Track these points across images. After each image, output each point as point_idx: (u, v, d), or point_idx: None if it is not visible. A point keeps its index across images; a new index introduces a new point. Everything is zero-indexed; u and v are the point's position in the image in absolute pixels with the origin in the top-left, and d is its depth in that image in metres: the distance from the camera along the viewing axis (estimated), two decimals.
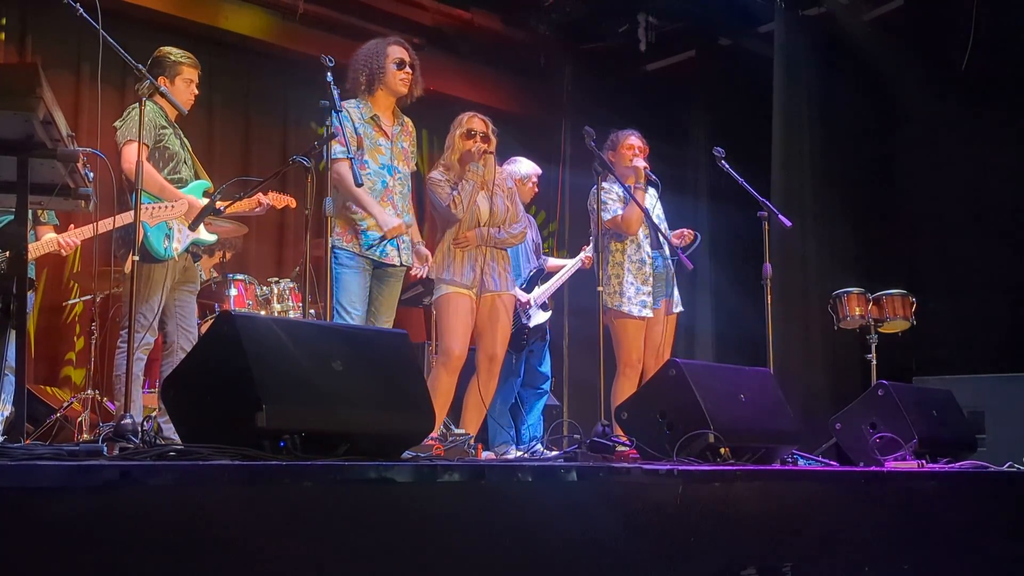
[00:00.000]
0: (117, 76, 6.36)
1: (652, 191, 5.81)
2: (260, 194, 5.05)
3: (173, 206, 4.56)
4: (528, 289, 5.83)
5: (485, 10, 8.11)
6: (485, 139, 5.12)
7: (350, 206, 4.69)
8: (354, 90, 4.89)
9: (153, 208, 4.52)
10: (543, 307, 5.94)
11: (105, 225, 4.44)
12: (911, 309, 6.13)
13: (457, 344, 4.95)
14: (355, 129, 4.71)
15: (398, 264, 4.82)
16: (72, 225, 4.94)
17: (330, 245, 4.28)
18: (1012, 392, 5.99)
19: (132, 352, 4.06)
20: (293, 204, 5.37)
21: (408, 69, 4.89)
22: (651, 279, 5.57)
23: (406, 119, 5.00)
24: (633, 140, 5.67)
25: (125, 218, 4.48)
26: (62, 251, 4.80)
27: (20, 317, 2.91)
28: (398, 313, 5.23)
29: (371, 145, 4.79)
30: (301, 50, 7.26)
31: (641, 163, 5.53)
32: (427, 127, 8.31)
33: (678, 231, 5.67)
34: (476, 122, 5.16)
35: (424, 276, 5.13)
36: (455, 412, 5.38)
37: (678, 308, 5.72)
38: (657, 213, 5.73)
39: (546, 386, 6.09)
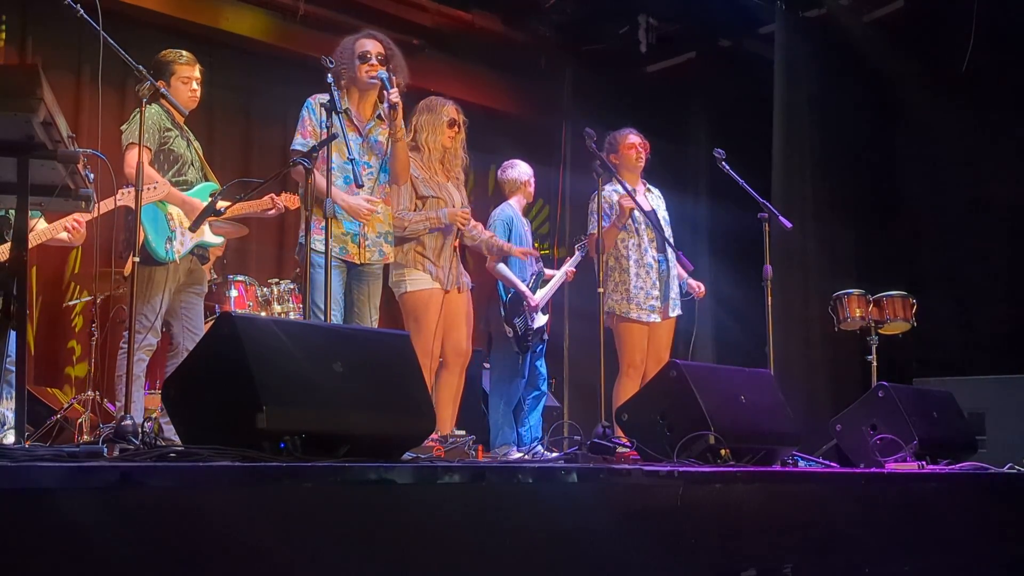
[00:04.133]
0: (118, 77, 6.36)
1: (658, 192, 5.86)
2: (273, 195, 5.02)
3: (155, 187, 4.49)
4: (533, 291, 5.86)
5: (485, 11, 8.10)
6: (460, 128, 5.26)
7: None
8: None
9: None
10: (542, 310, 5.97)
11: (106, 205, 4.37)
12: (911, 310, 6.13)
13: (436, 343, 5.02)
14: (320, 124, 4.64)
15: (357, 262, 4.70)
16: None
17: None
18: (1012, 393, 5.99)
19: (132, 353, 4.06)
20: None
21: (374, 61, 4.76)
22: (658, 283, 5.60)
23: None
24: (632, 138, 5.72)
25: (110, 204, 4.37)
26: (72, 237, 4.69)
27: (20, 317, 2.91)
28: (399, 313, 5.23)
29: (339, 139, 4.72)
30: (302, 51, 7.26)
31: (628, 203, 5.47)
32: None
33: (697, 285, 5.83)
34: (455, 111, 5.24)
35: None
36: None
37: (676, 312, 5.74)
38: (663, 215, 5.76)
39: (544, 386, 6.11)
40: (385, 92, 4.67)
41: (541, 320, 5.91)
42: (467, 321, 5.29)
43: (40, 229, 4.57)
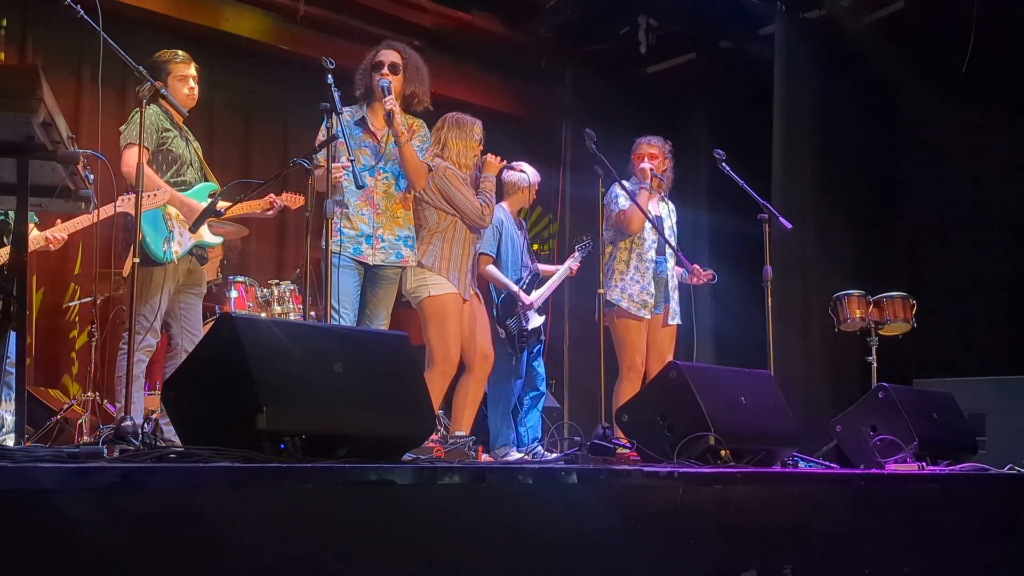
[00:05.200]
0: (118, 78, 6.37)
1: (671, 204, 5.90)
2: (273, 195, 5.04)
3: (155, 194, 4.51)
4: (527, 292, 5.86)
5: (486, 12, 8.11)
6: (482, 147, 5.30)
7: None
8: (356, 97, 4.97)
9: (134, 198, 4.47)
10: (538, 311, 5.97)
11: (91, 218, 4.42)
12: (911, 311, 6.13)
13: (457, 348, 5.01)
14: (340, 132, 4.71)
15: (371, 263, 4.77)
16: (59, 220, 4.88)
17: (329, 248, 4.28)
18: (1012, 394, 5.99)
19: (132, 354, 4.06)
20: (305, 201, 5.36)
21: (385, 70, 4.86)
22: (655, 283, 5.64)
23: (413, 121, 4.98)
24: (646, 147, 5.81)
25: (109, 210, 4.43)
26: (50, 246, 4.75)
27: (20, 319, 2.91)
28: (400, 314, 5.24)
29: (355, 146, 4.80)
30: (302, 52, 7.28)
31: (647, 164, 5.62)
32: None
33: (696, 268, 5.74)
34: (481, 130, 5.27)
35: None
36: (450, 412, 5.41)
37: (675, 320, 5.76)
38: (670, 225, 5.80)
39: (543, 387, 6.11)
40: (383, 99, 4.74)
41: (537, 321, 5.90)
42: (487, 325, 5.33)
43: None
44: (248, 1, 7.36)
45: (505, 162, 5.41)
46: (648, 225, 5.63)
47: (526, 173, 5.99)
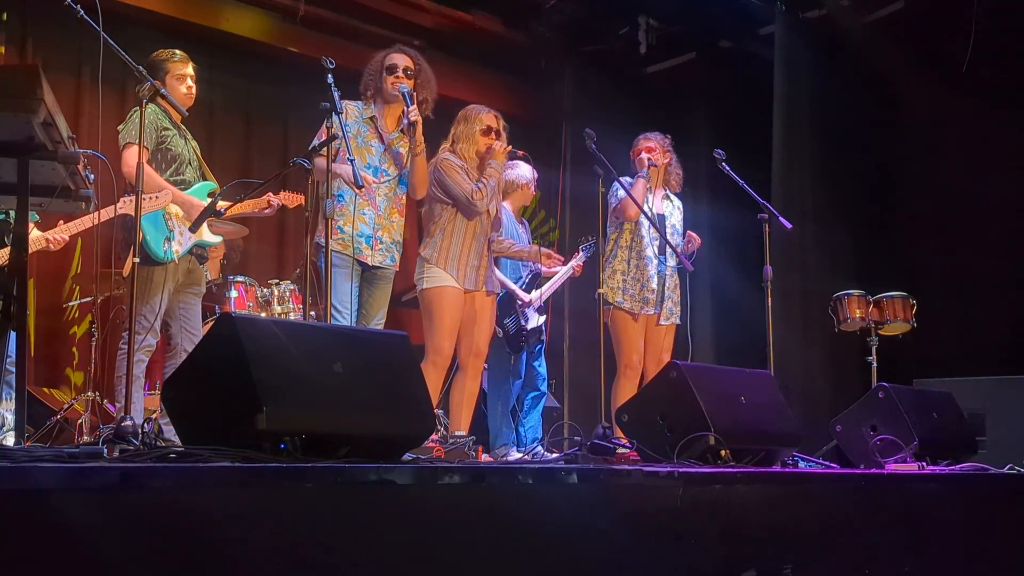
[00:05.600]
0: (118, 78, 6.36)
1: (678, 203, 5.90)
2: (271, 194, 5.05)
3: (157, 196, 4.52)
4: (527, 291, 5.86)
5: (486, 12, 8.11)
6: (498, 135, 5.19)
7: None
8: (363, 97, 4.98)
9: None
10: (538, 311, 5.96)
11: (92, 219, 4.43)
12: (911, 311, 6.13)
13: (449, 342, 4.99)
14: (345, 127, 4.70)
15: (370, 264, 4.80)
16: (61, 220, 4.90)
17: (329, 247, 4.28)
18: (1012, 394, 5.99)
19: (132, 354, 4.06)
20: (303, 201, 5.36)
21: (400, 74, 4.89)
22: (654, 279, 5.63)
23: None
24: (643, 142, 5.87)
25: (110, 212, 4.44)
26: (51, 246, 4.76)
27: (20, 318, 2.91)
28: (400, 314, 5.24)
29: (361, 144, 4.81)
30: (302, 52, 7.28)
31: (646, 156, 5.70)
32: (426, 129, 8.34)
33: (688, 235, 5.74)
34: (493, 118, 5.23)
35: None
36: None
37: (671, 319, 5.75)
38: (673, 223, 5.80)
39: (544, 387, 6.10)
40: (405, 108, 4.77)
41: (537, 320, 5.89)
42: (489, 323, 5.30)
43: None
44: (248, 1, 7.36)
45: (510, 148, 5.32)
46: (647, 223, 5.63)
47: (519, 170, 5.98)
